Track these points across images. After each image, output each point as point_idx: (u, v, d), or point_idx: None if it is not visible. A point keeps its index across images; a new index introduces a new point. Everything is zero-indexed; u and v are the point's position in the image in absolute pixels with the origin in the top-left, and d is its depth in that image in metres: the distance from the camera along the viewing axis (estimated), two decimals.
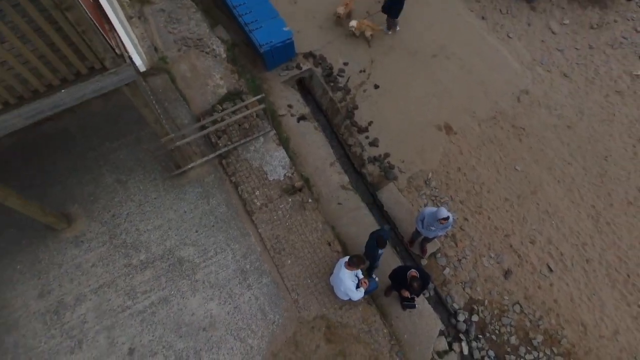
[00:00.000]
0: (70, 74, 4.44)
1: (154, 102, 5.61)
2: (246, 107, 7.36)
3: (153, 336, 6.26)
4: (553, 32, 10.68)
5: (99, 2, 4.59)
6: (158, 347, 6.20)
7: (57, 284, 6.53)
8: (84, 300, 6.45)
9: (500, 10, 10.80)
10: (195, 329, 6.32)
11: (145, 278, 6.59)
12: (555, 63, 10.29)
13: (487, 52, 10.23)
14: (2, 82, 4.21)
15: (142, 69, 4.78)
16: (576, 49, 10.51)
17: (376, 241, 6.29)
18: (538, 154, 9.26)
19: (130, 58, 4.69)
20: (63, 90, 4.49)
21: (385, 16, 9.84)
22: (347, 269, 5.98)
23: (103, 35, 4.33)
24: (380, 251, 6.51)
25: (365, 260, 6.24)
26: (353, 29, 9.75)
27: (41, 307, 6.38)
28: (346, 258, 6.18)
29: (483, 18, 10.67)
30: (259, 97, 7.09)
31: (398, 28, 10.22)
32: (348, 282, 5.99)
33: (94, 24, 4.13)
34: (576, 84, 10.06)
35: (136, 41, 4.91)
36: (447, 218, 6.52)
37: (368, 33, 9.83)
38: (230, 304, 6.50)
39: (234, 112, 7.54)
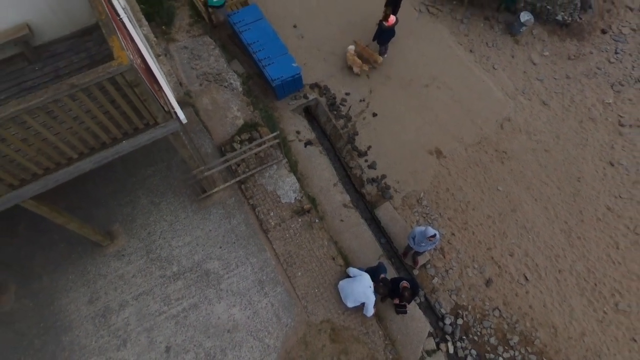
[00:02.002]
0: (131, 129, 5.64)
1: (187, 142, 6.78)
2: (263, 141, 8.53)
3: (185, 336, 7.44)
4: (534, 63, 11.86)
5: (151, 69, 5.76)
6: (190, 345, 7.39)
7: (103, 292, 7.72)
8: (126, 306, 7.64)
9: (487, 44, 11.97)
10: (221, 330, 7.51)
11: (177, 287, 7.79)
12: (535, 92, 11.46)
13: (474, 82, 11.40)
14: (80, 138, 5.39)
15: (184, 121, 5.89)
16: (555, 78, 11.68)
17: (375, 277, 7.63)
18: (518, 175, 10.43)
19: (176, 113, 5.87)
20: (124, 141, 5.68)
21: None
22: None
23: (156, 97, 5.52)
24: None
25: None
26: (350, 53, 10.74)
27: (91, 312, 7.57)
28: (357, 272, 7.53)
29: (471, 51, 11.84)
30: (274, 134, 8.27)
31: (386, 55, 11.29)
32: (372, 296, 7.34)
33: (153, 93, 5.32)
34: (554, 112, 11.23)
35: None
36: (434, 235, 7.70)
37: (356, 69, 10.95)
38: (250, 309, 7.69)
39: (250, 142, 8.75)
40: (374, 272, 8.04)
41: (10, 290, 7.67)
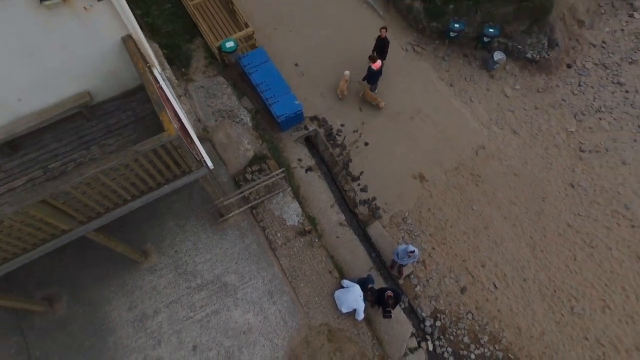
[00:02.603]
0: (172, 176, 7.25)
1: (211, 181, 8.38)
2: (271, 173, 10.16)
3: (209, 337, 9.05)
4: (506, 96, 13.49)
5: (186, 128, 7.36)
6: (213, 344, 8.99)
7: (140, 301, 9.33)
8: (159, 312, 9.25)
9: (465, 78, 13.59)
10: (238, 332, 9.12)
11: (201, 296, 9.39)
12: (507, 122, 13.08)
13: (453, 114, 13.02)
14: (134, 185, 7.00)
15: (211, 167, 7.44)
16: (524, 109, 13.30)
17: (364, 287, 9.23)
18: (490, 196, 12.05)
19: (205, 161, 7.48)
20: (166, 185, 7.30)
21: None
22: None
23: (191, 151, 7.13)
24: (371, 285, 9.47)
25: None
26: (344, 79, 12.31)
27: (130, 317, 9.17)
28: (350, 283, 9.14)
29: (451, 85, 13.47)
30: (281, 169, 9.89)
31: (376, 91, 12.90)
32: (362, 304, 8.95)
33: (189, 149, 6.93)
34: (523, 139, 12.86)
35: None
36: (414, 251, 9.32)
37: (344, 87, 12.45)
38: (261, 314, 9.30)
39: (259, 173, 10.38)
40: (364, 282, 9.67)
41: (63, 299, 9.28)
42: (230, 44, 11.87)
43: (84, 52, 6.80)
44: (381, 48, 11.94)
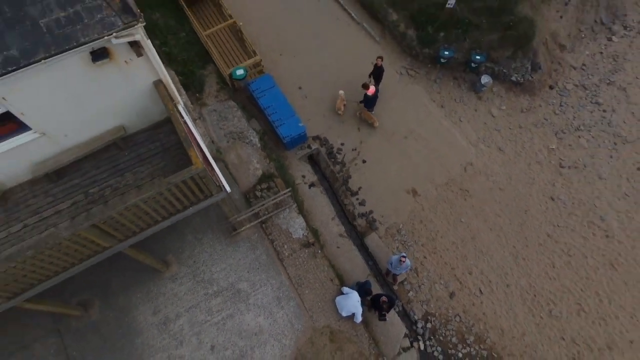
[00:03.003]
0: (196, 200, 8.46)
1: (227, 201, 9.58)
2: (278, 191, 11.37)
3: (225, 338, 10.25)
4: (493, 116, 14.68)
5: (208, 159, 8.56)
6: (228, 344, 10.19)
7: (163, 306, 10.53)
8: (181, 316, 10.45)
9: (455, 100, 14.79)
10: (250, 333, 10.31)
11: (217, 302, 10.59)
12: (493, 140, 14.28)
13: (443, 133, 14.21)
14: (164, 208, 8.20)
15: (229, 191, 8.60)
16: (510, 128, 14.49)
17: (365, 292, 10.39)
18: (477, 209, 13.23)
19: (224, 186, 8.68)
20: (190, 208, 8.50)
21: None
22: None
23: (212, 179, 8.33)
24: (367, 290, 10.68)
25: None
26: (340, 98, 13.54)
27: (155, 320, 10.37)
28: (349, 290, 10.32)
29: (442, 106, 14.67)
30: (288, 189, 11.10)
31: (373, 112, 14.09)
32: (359, 308, 10.15)
33: (212, 177, 8.13)
34: (508, 156, 14.05)
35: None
36: (405, 257, 10.49)
37: (341, 105, 13.66)
38: (270, 318, 10.49)
39: (268, 191, 11.59)
40: (362, 286, 10.84)
41: (95, 305, 10.48)
42: (240, 72, 13.08)
43: (122, 95, 8.01)
44: (377, 75, 13.15)
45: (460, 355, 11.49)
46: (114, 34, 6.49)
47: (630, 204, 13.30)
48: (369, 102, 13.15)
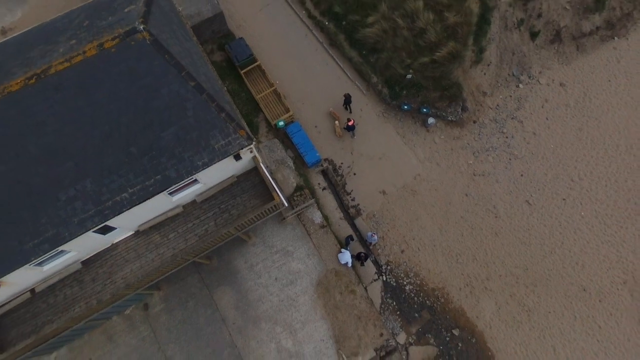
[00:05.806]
0: (272, 212, 17.98)
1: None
2: (308, 198, 20.88)
3: (281, 274, 20.25)
4: (435, 142, 23.69)
5: (275, 190, 17.91)
6: (283, 277, 20.21)
7: (249, 258, 20.45)
8: (258, 263, 20.40)
9: (412, 133, 23.73)
10: (294, 272, 20.30)
11: (277, 257, 20.47)
12: (434, 158, 23.39)
13: (403, 154, 23.32)
14: (256, 217, 17.75)
15: (286, 205, 17.87)
16: (445, 150, 23.54)
17: (346, 243, 20.29)
18: (421, 202, 22.66)
19: (284, 202, 18.11)
20: (269, 215, 18.08)
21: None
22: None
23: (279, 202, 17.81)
24: (350, 243, 20.54)
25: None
26: (336, 125, 22.74)
27: (245, 266, 20.32)
28: (345, 251, 20.15)
29: (403, 137, 23.66)
30: (312, 199, 20.57)
31: (355, 137, 23.14)
32: (350, 260, 20.04)
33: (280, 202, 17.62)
34: (442, 169, 23.24)
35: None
36: (374, 234, 20.23)
37: (339, 131, 22.84)
38: (304, 264, 20.42)
39: (300, 197, 21.13)
40: (348, 237, 20.60)
41: (215, 259, 20.38)
42: (281, 123, 22.11)
43: (239, 166, 17.28)
44: (348, 101, 22.29)
45: (405, 283, 21.48)
46: (244, 149, 15.72)
47: (513, 197, 22.68)
48: (350, 129, 22.29)
